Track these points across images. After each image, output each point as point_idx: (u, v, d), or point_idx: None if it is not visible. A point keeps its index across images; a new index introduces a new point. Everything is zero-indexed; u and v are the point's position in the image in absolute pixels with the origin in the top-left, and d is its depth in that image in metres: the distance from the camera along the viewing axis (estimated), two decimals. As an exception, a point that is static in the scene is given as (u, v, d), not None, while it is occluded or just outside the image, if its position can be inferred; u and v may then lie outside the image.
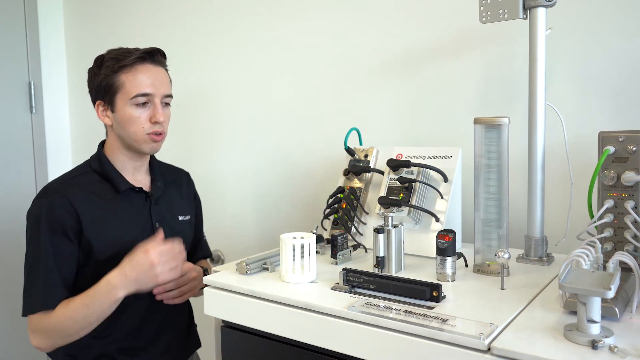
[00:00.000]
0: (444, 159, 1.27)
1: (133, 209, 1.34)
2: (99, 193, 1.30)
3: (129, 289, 1.18)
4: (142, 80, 1.27)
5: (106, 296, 1.18)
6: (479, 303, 0.92)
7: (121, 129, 1.30)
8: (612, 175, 0.97)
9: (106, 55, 1.30)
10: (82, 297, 1.20)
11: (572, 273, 0.80)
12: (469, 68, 1.44)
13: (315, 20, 1.70)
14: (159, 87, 1.30)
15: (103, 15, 2.28)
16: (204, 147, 2.00)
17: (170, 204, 1.42)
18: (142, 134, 1.29)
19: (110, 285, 1.18)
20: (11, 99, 2.33)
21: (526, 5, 1.13)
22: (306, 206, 1.75)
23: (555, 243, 1.23)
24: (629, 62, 1.24)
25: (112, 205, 1.31)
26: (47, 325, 1.21)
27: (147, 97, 1.28)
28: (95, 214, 1.27)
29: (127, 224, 1.32)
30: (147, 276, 1.18)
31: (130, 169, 1.36)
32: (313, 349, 0.95)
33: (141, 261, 1.17)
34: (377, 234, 1.08)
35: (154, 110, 1.29)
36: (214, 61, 1.94)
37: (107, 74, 1.28)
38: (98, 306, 1.19)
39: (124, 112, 1.28)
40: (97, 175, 1.33)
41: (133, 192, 1.34)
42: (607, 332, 0.76)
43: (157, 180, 1.41)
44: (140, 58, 1.28)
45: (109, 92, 1.29)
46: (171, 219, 1.41)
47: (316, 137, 1.72)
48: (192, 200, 1.53)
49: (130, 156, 1.35)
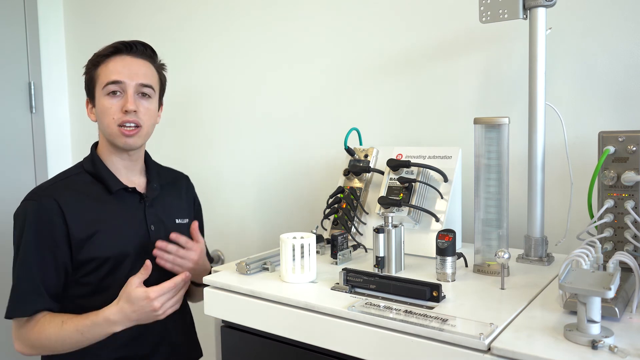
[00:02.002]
0: (444, 159, 1.27)
1: (126, 211, 1.30)
2: (91, 195, 1.27)
3: (126, 325, 1.18)
4: (114, 68, 1.25)
5: (103, 329, 1.17)
6: (479, 303, 0.92)
7: (100, 123, 1.29)
8: (612, 175, 0.97)
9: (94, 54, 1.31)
10: (77, 324, 1.17)
11: (572, 273, 0.80)
12: (469, 68, 1.44)
13: (316, 20, 1.70)
14: (132, 76, 1.26)
15: (103, 15, 2.28)
16: (204, 147, 2.00)
17: (167, 207, 1.38)
18: (114, 127, 1.25)
19: (110, 322, 1.16)
20: (11, 99, 2.33)
21: (526, 5, 1.13)
22: (306, 206, 1.75)
23: (555, 243, 1.23)
24: (629, 62, 1.24)
25: (103, 208, 1.27)
26: (32, 336, 1.19)
27: (119, 86, 1.25)
28: (86, 216, 1.24)
29: (120, 227, 1.27)
30: (149, 317, 1.17)
31: (122, 169, 1.32)
32: (313, 349, 0.95)
33: (144, 307, 1.15)
34: (377, 234, 1.08)
35: (125, 99, 1.25)
36: (213, 61, 1.94)
37: (88, 67, 1.30)
38: (92, 335, 1.17)
39: (99, 104, 1.26)
40: (90, 176, 1.30)
41: (126, 193, 1.30)
42: (607, 332, 0.76)
43: (153, 182, 1.36)
44: (115, 48, 1.28)
45: (90, 87, 1.30)
46: (168, 221, 1.36)
47: (316, 137, 1.72)
48: (191, 204, 1.49)
49: (118, 155, 1.31)
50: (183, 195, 1.46)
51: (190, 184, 1.52)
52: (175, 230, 1.34)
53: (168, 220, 1.37)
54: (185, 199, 1.46)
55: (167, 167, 1.49)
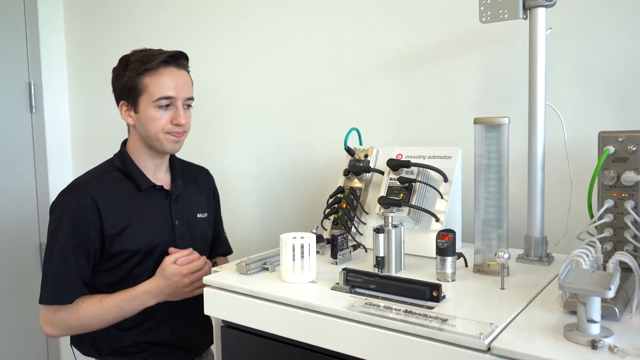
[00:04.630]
0: (444, 159, 1.27)
1: (153, 207, 1.38)
2: (121, 191, 1.36)
3: (160, 299, 1.31)
4: (165, 83, 1.32)
5: (141, 303, 1.30)
6: (478, 303, 0.92)
7: (143, 129, 1.35)
8: (612, 175, 0.97)
9: (131, 57, 1.34)
10: (116, 300, 1.30)
11: (572, 273, 0.80)
12: (469, 68, 1.44)
13: (317, 20, 1.70)
14: (181, 91, 1.35)
15: (103, 16, 2.28)
16: (204, 147, 2.00)
17: (189, 202, 1.46)
18: (162, 133, 1.34)
19: (148, 294, 1.30)
20: (11, 99, 2.33)
21: (526, 5, 1.13)
22: (306, 206, 1.75)
23: (555, 243, 1.23)
24: (629, 62, 1.24)
25: (133, 204, 1.36)
26: (69, 319, 1.29)
27: (170, 100, 1.33)
28: (118, 212, 1.32)
29: (148, 222, 1.36)
30: (179, 294, 1.31)
31: (151, 167, 1.41)
32: (313, 349, 0.95)
33: (176, 281, 1.29)
34: (377, 234, 1.08)
35: (176, 112, 1.34)
36: (214, 61, 1.94)
37: (131, 76, 1.32)
38: (130, 310, 1.31)
39: (147, 114, 1.33)
40: (120, 173, 1.38)
41: (154, 190, 1.39)
42: (607, 332, 0.76)
43: (177, 179, 1.45)
44: (164, 62, 1.33)
45: (132, 94, 1.33)
46: (190, 216, 1.45)
47: (316, 137, 1.72)
48: (210, 197, 1.57)
49: (151, 155, 1.40)
50: (203, 189, 1.54)
51: (209, 176, 1.61)
52: (197, 224, 1.47)
53: (190, 215, 1.46)
54: (205, 193, 1.55)
55: (188, 163, 1.57)
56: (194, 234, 1.45)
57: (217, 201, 1.61)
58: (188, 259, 1.31)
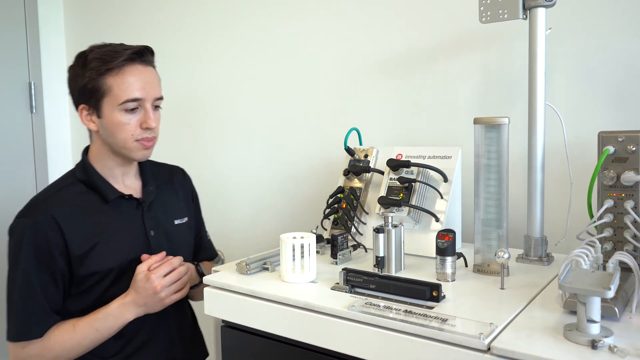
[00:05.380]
0: (443, 159, 1.27)
1: (124, 219, 1.25)
2: (86, 206, 1.22)
3: (137, 312, 1.19)
4: (131, 83, 1.17)
5: (117, 319, 1.18)
6: (478, 303, 0.92)
7: (109, 136, 1.21)
8: (611, 175, 0.97)
9: (90, 54, 1.19)
10: (89, 322, 1.18)
11: (572, 273, 0.80)
12: (469, 68, 1.44)
13: (316, 20, 1.70)
14: (149, 91, 1.20)
15: (103, 16, 2.28)
16: (204, 147, 2.00)
17: (165, 208, 1.33)
18: (131, 141, 1.20)
19: (122, 308, 1.18)
20: (11, 99, 2.33)
21: (526, 5, 1.13)
22: (306, 206, 1.75)
23: (555, 243, 1.23)
24: (629, 62, 1.24)
25: (100, 218, 1.22)
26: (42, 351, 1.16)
27: (138, 102, 1.19)
28: (84, 229, 1.19)
29: (119, 237, 1.23)
30: (153, 300, 1.19)
31: (119, 175, 1.27)
32: (313, 349, 0.95)
33: (145, 287, 1.17)
34: (377, 234, 1.08)
35: (145, 115, 1.20)
36: (214, 62, 1.94)
37: (92, 76, 1.17)
38: (106, 329, 1.18)
39: (112, 118, 1.18)
40: (83, 185, 1.24)
41: (122, 201, 1.25)
42: (606, 332, 0.76)
43: (149, 184, 1.31)
44: (128, 59, 1.18)
45: (94, 96, 1.18)
46: (167, 224, 1.32)
47: (316, 137, 1.72)
48: (189, 199, 1.43)
49: (118, 162, 1.26)
50: (180, 192, 1.41)
51: (186, 176, 1.46)
52: (175, 232, 1.33)
53: (167, 222, 1.33)
54: (183, 195, 1.41)
55: (161, 164, 1.43)
56: (173, 242, 1.32)
57: (196, 203, 1.47)
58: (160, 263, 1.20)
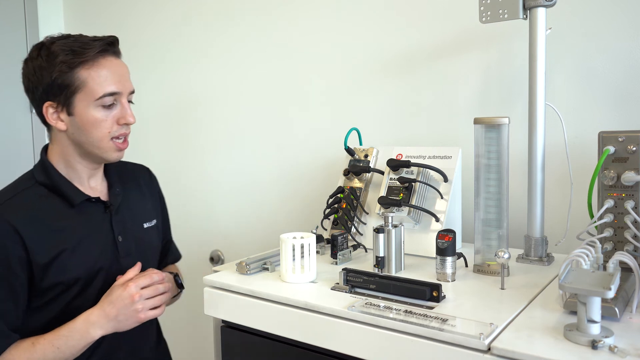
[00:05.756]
0: (444, 159, 1.27)
1: (91, 225, 1.15)
2: (49, 210, 1.11)
3: (106, 328, 1.06)
4: (107, 77, 1.09)
5: (82, 337, 1.05)
6: (478, 303, 0.92)
7: (82, 135, 1.11)
8: (612, 175, 0.97)
9: (54, 47, 1.08)
10: (51, 339, 1.05)
11: (572, 273, 0.80)
12: (469, 68, 1.44)
13: (315, 21, 1.69)
14: (125, 84, 1.13)
15: (103, 16, 2.28)
16: (205, 147, 2.00)
17: (133, 211, 1.24)
18: (107, 140, 1.12)
19: (88, 323, 1.05)
20: (11, 99, 2.33)
21: (526, 5, 1.13)
22: (306, 206, 1.75)
23: (555, 243, 1.23)
24: (629, 62, 1.24)
25: (66, 224, 1.11)
26: None
27: (114, 97, 1.11)
28: (47, 237, 1.08)
29: (86, 244, 1.13)
30: (128, 312, 1.06)
31: (85, 176, 1.17)
32: (313, 349, 0.95)
33: (120, 296, 1.06)
34: (377, 234, 1.08)
35: (122, 110, 1.13)
36: (213, 62, 1.94)
37: (62, 70, 1.07)
38: (69, 349, 1.05)
39: (87, 115, 1.09)
40: (44, 188, 1.13)
41: (89, 204, 1.15)
42: (607, 332, 0.76)
43: (115, 186, 1.22)
44: (102, 50, 1.09)
45: (64, 92, 1.08)
46: (135, 229, 1.23)
47: (316, 137, 1.72)
48: (156, 200, 1.35)
49: (86, 164, 1.16)
50: (146, 192, 1.31)
51: (152, 177, 1.37)
52: (144, 237, 1.25)
53: (135, 226, 1.24)
54: (149, 196, 1.32)
55: (125, 163, 1.30)
56: (142, 248, 1.23)
57: (163, 204, 1.38)
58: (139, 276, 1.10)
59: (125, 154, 1.19)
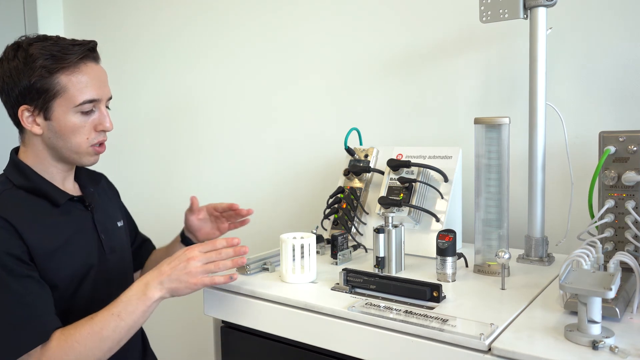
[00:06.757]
0: (444, 159, 1.27)
1: (76, 224, 1.14)
2: (36, 211, 1.08)
3: (161, 289, 1.01)
4: (87, 83, 1.09)
5: (140, 299, 1.01)
6: (479, 303, 0.92)
7: (59, 139, 1.10)
8: (612, 175, 0.97)
9: (33, 49, 1.06)
10: (110, 307, 1.01)
11: (573, 273, 0.80)
12: (469, 68, 1.44)
13: (315, 21, 1.69)
14: (104, 90, 1.13)
15: (103, 17, 2.28)
16: (205, 147, 2.00)
17: (106, 212, 1.25)
18: (86, 146, 1.11)
19: (144, 284, 1.02)
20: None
21: (526, 5, 1.13)
22: (306, 206, 1.75)
23: (555, 243, 1.23)
24: (630, 62, 1.23)
25: (54, 223, 1.10)
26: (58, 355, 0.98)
27: (93, 104, 1.10)
28: (42, 236, 1.06)
29: (75, 243, 1.12)
30: (181, 272, 1.00)
31: (59, 179, 1.15)
32: (313, 349, 0.95)
33: (179, 256, 1.03)
34: (377, 234, 1.08)
35: (101, 117, 1.12)
36: (214, 62, 1.94)
37: (42, 74, 1.05)
38: (130, 314, 1.00)
39: (65, 121, 1.08)
40: (23, 191, 1.09)
41: (72, 204, 1.15)
42: (607, 333, 0.76)
43: (88, 186, 1.22)
44: (84, 56, 1.09)
45: (42, 97, 1.06)
46: (112, 227, 1.24)
47: (316, 137, 1.72)
48: (119, 202, 1.38)
49: (60, 167, 1.15)
50: (111, 196, 1.34)
51: (110, 183, 1.38)
52: (120, 235, 1.26)
53: (111, 225, 1.24)
54: (114, 199, 1.35)
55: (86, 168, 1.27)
56: (120, 246, 1.24)
57: (124, 208, 1.39)
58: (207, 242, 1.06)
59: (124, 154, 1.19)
